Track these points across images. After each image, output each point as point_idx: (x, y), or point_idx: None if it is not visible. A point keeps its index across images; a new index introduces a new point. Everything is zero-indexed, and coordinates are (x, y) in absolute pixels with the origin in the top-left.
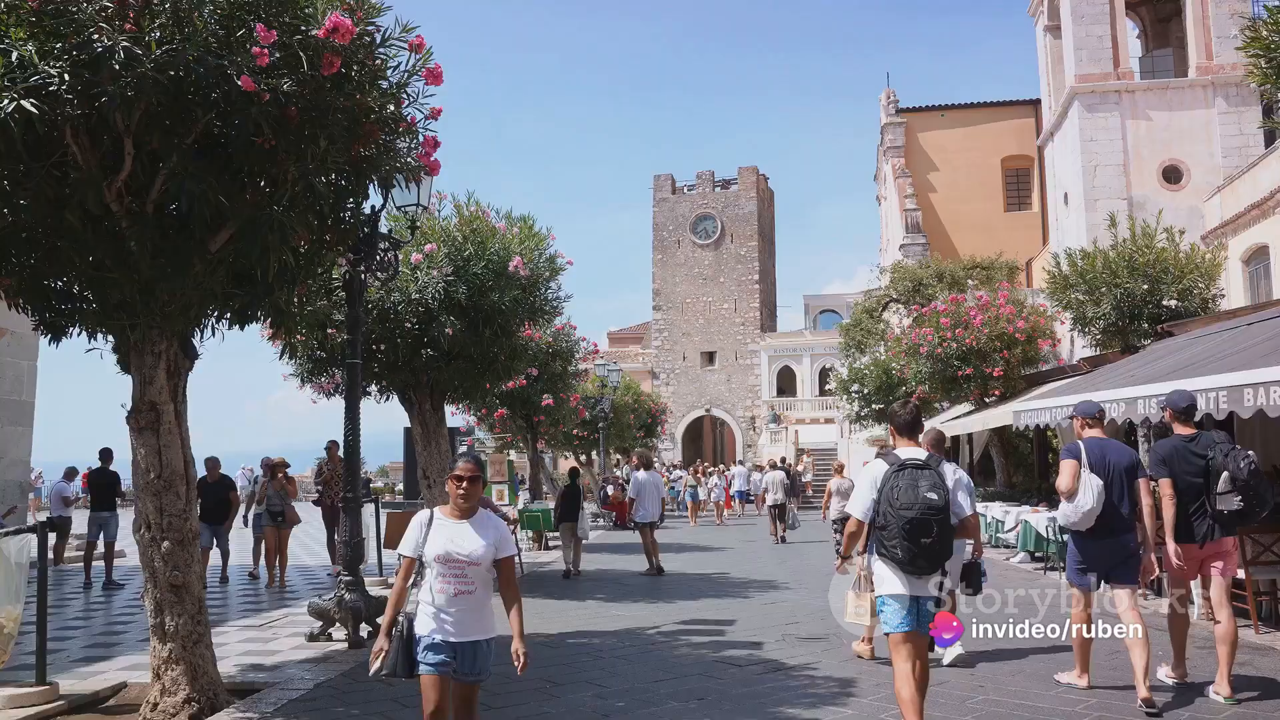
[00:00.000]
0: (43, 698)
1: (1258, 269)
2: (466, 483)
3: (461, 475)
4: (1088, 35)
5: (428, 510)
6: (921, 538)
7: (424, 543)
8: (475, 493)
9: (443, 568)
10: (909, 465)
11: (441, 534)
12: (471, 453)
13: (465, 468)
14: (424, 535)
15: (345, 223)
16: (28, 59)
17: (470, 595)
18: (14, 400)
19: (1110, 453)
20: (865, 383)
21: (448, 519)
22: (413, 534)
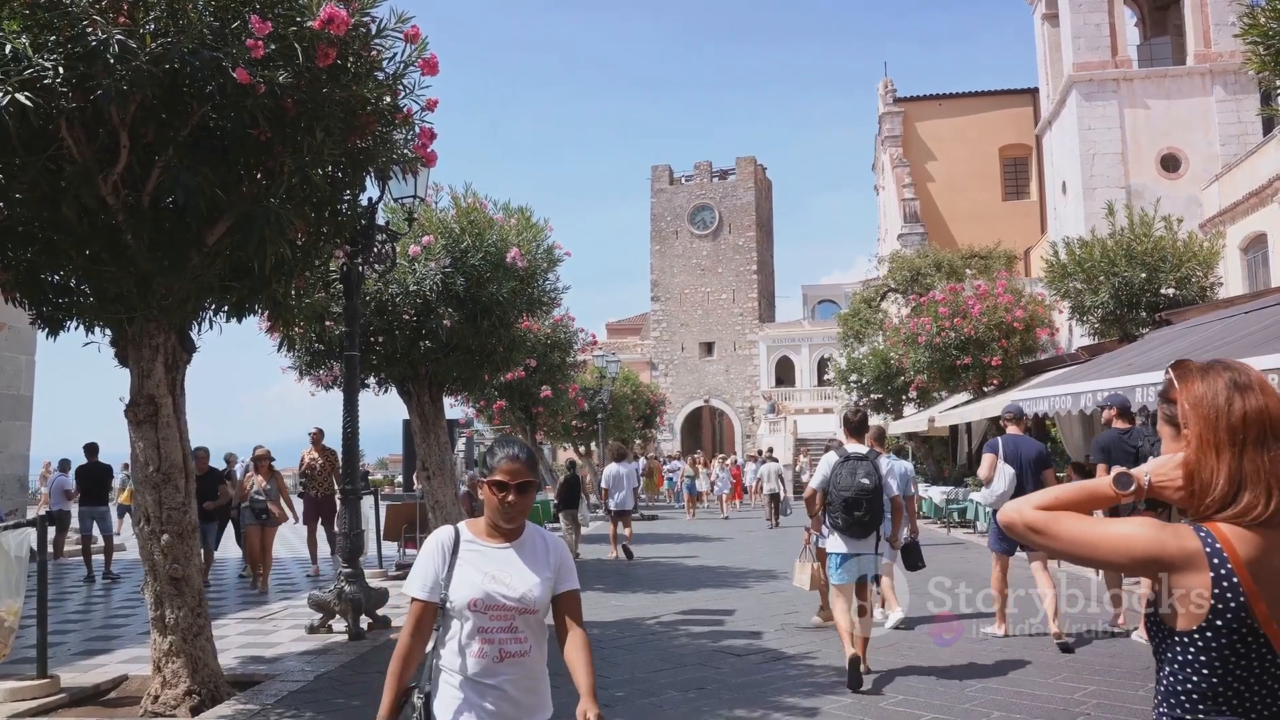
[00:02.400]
0: (44, 690)
1: (1256, 257)
2: (514, 493)
3: (505, 480)
4: (1085, 23)
5: (450, 529)
6: (855, 511)
7: (447, 580)
8: (526, 507)
9: (481, 618)
10: (851, 457)
11: (475, 567)
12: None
13: (510, 468)
14: (446, 568)
15: (342, 215)
16: (21, 51)
17: (524, 659)
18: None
19: (1022, 447)
20: (864, 373)
21: (483, 543)
22: (427, 565)
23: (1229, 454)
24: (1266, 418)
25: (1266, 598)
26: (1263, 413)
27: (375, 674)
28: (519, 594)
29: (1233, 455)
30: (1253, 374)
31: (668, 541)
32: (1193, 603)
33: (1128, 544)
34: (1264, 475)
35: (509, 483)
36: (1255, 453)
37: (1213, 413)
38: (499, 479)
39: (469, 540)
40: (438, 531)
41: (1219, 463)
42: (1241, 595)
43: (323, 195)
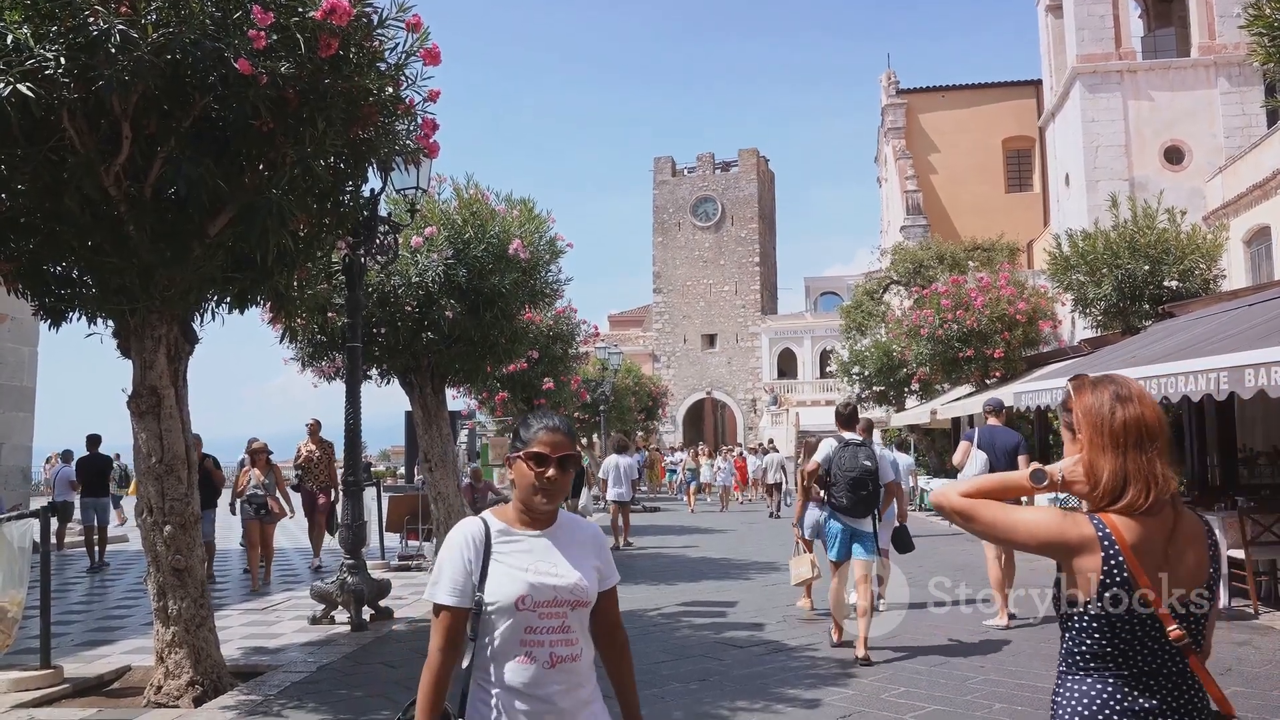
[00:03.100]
0: (47, 681)
1: (1259, 249)
2: (554, 467)
3: (545, 453)
4: (1089, 15)
5: (475, 521)
6: (860, 490)
7: (481, 579)
8: (567, 485)
9: (529, 618)
10: (850, 444)
11: (514, 559)
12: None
13: (550, 439)
14: (480, 563)
15: (344, 206)
16: (23, 42)
17: (575, 664)
18: (15, 386)
19: (998, 437)
20: (866, 365)
21: (518, 532)
22: (455, 565)
23: (1114, 455)
24: (1143, 424)
25: (1148, 573)
26: (1140, 420)
27: (378, 665)
28: (571, 582)
29: (1117, 456)
30: (1134, 387)
31: (669, 533)
32: (1088, 579)
33: (1036, 529)
34: (1144, 473)
35: (549, 455)
36: (1136, 454)
37: (1099, 420)
38: (538, 450)
39: (501, 530)
40: (462, 525)
41: (1106, 462)
42: (1126, 572)
43: (325, 186)
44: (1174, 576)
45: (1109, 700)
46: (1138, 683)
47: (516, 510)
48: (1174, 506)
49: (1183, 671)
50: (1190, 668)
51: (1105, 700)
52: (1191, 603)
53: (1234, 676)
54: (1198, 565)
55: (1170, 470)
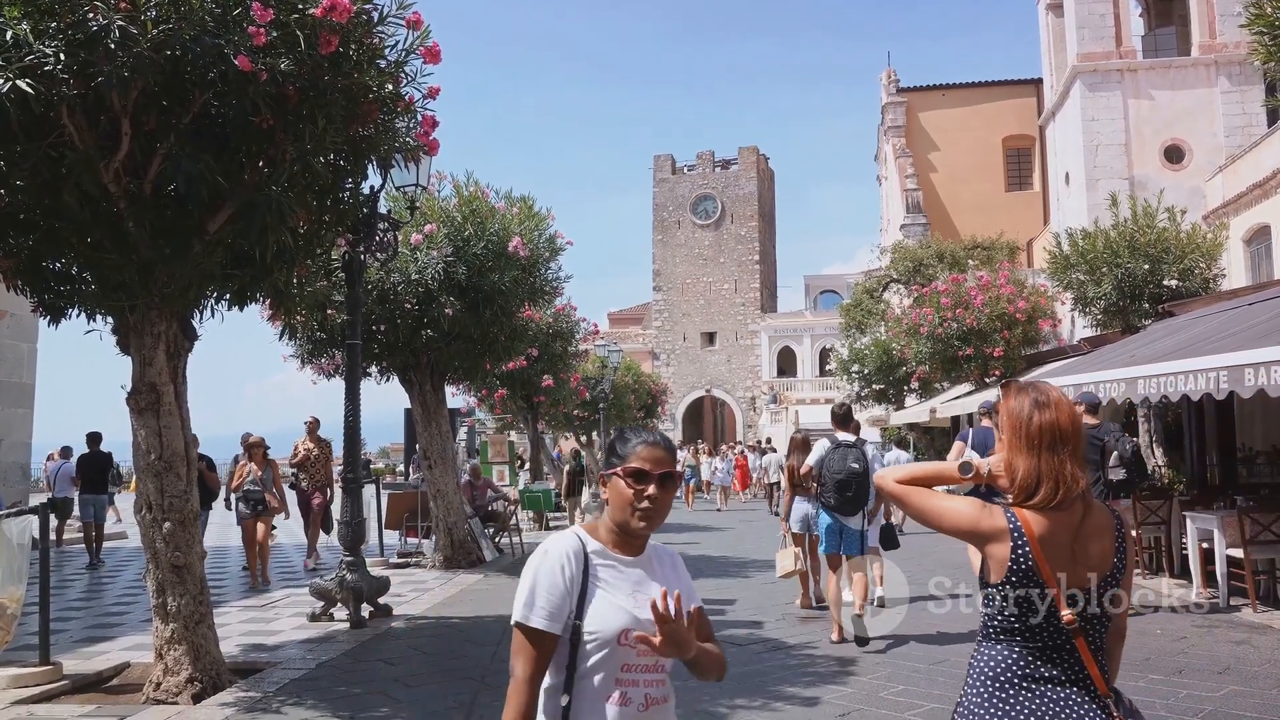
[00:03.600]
0: (46, 677)
1: (1259, 249)
2: (656, 486)
3: (646, 469)
4: (1090, 13)
5: (571, 537)
6: (845, 491)
7: (580, 605)
8: (667, 506)
9: (627, 655)
10: (841, 445)
11: (614, 586)
12: (649, 430)
13: (652, 454)
14: (578, 587)
15: (344, 203)
16: (23, 38)
17: (665, 707)
18: (14, 382)
19: (990, 437)
20: (866, 363)
21: (616, 557)
22: (553, 584)
23: (1030, 456)
24: (1057, 429)
25: (1050, 561)
26: (1054, 425)
27: (377, 662)
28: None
29: (1032, 457)
30: (1053, 394)
31: (668, 531)
32: (999, 564)
33: (956, 518)
34: (1055, 473)
35: (650, 472)
36: (1049, 455)
37: (1018, 424)
38: (637, 467)
39: (598, 551)
40: (559, 541)
41: (1022, 462)
42: (1031, 560)
43: (325, 183)
44: (1081, 565)
45: (1013, 666)
46: (1041, 655)
47: (609, 531)
48: (1084, 502)
49: (1076, 658)
50: (1077, 647)
51: (1009, 665)
52: (1101, 598)
53: (1232, 676)
54: (1103, 555)
55: (1080, 470)
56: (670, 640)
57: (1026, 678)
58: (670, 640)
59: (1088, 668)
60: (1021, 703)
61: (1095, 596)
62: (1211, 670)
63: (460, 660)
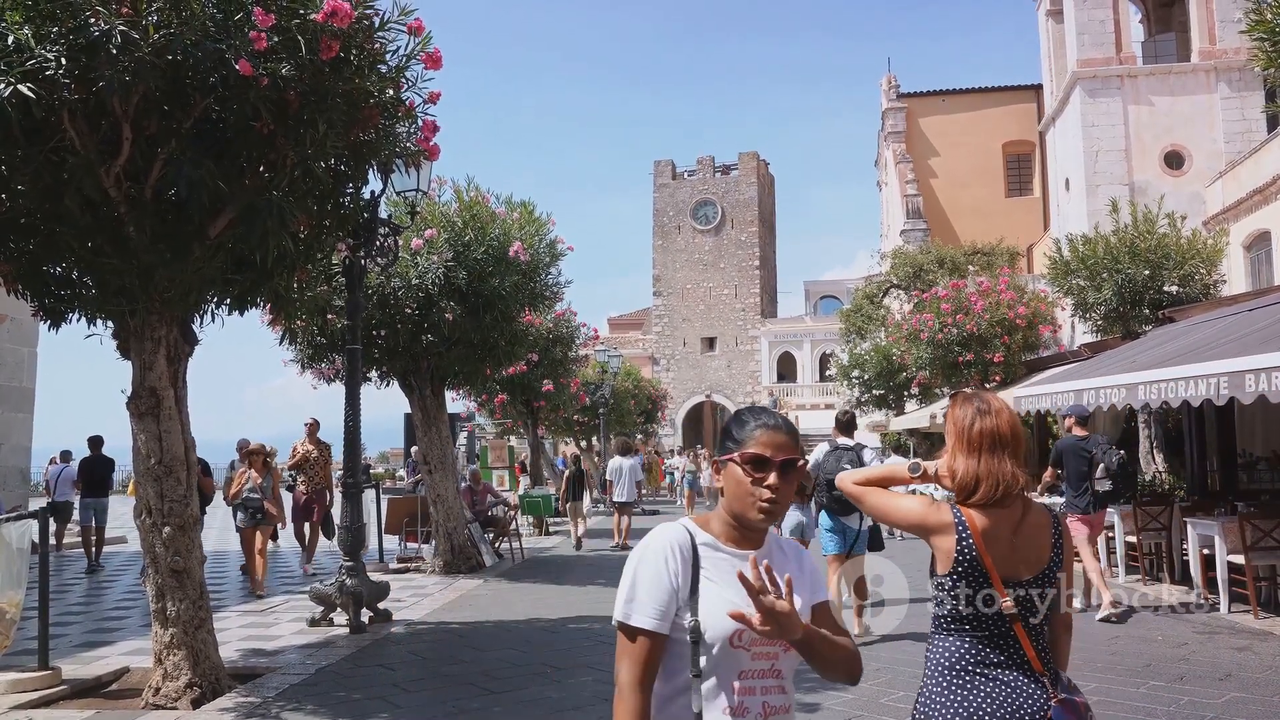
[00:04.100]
0: (45, 682)
1: (1259, 255)
2: (776, 473)
3: (765, 455)
4: (1090, 20)
5: (678, 529)
6: (833, 490)
7: (690, 601)
8: (789, 496)
9: (741, 658)
10: (839, 448)
11: (727, 584)
12: (769, 411)
13: (771, 439)
14: (687, 583)
15: (345, 208)
16: (24, 42)
17: (787, 715)
18: (14, 387)
19: None
20: (866, 368)
21: (729, 549)
22: (659, 578)
23: (971, 458)
24: (997, 434)
25: (991, 553)
26: (994, 431)
27: (376, 667)
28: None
29: (973, 459)
30: (994, 403)
31: None
32: (946, 554)
33: (907, 513)
34: (994, 474)
35: (771, 459)
36: (989, 458)
37: (962, 429)
38: (756, 453)
39: (709, 544)
40: (664, 532)
41: (964, 463)
42: (975, 551)
43: (325, 188)
44: (1019, 558)
45: (965, 655)
46: (988, 643)
47: (723, 523)
48: (1023, 501)
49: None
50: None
51: (962, 655)
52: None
53: (1233, 682)
54: (1040, 550)
55: (1019, 471)
56: (768, 616)
57: (978, 664)
58: (768, 616)
59: (1025, 651)
60: (976, 687)
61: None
62: (1213, 676)
63: (460, 665)
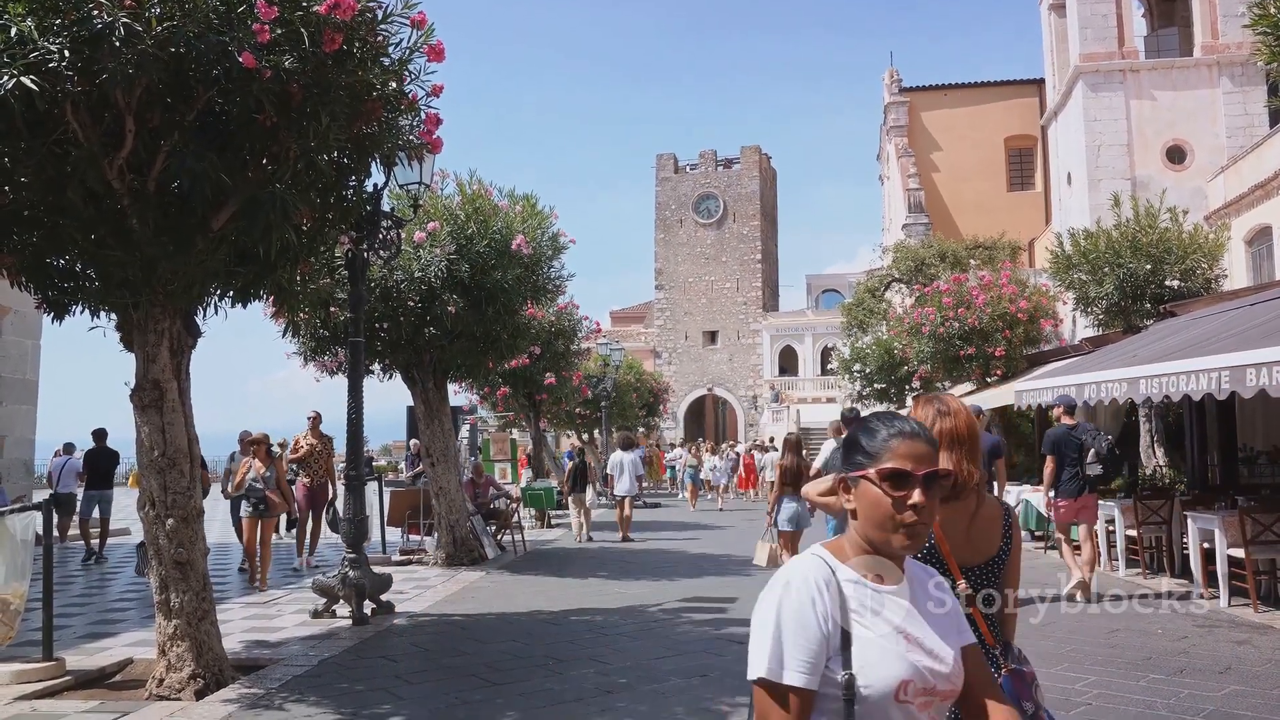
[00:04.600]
0: (49, 673)
1: (1261, 249)
2: (920, 491)
3: (906, 470)
4: (1092, 14)
5: (816, 563)
6: None
7: (844, 650)
8: (934, 516)
9: (906, 713)
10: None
11: (881, 624)
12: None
13: (913, 449)
14: (837, 629)
15: (347, 201)
16: (27, 34)
17: None
18: (18, 379)
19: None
20: (867, 362)
21: (874, 585)
22: (805, 626)
23: None
24: (955, 434)
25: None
26: (954, 430)
27: (379, 659)
28: (950, 667)
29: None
30: (953, 404)
31: (670, 529)
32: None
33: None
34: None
35: (913, 473)
36: (947, 455)
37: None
38: (895, 467)
39: (853, 581)
40: (802, 568)
41: None
42: (932, 539)
43: (328, 181)
44: (973, 546)
45: None
46: None
47: (858, 551)
48: (978, 494)
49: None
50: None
51: None
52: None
53: (1233, 676)
54: (992, 539)
55: (975, 468)
56: None
57: None
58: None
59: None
60: None
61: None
62: (1213, 670)
63: (462, 657)
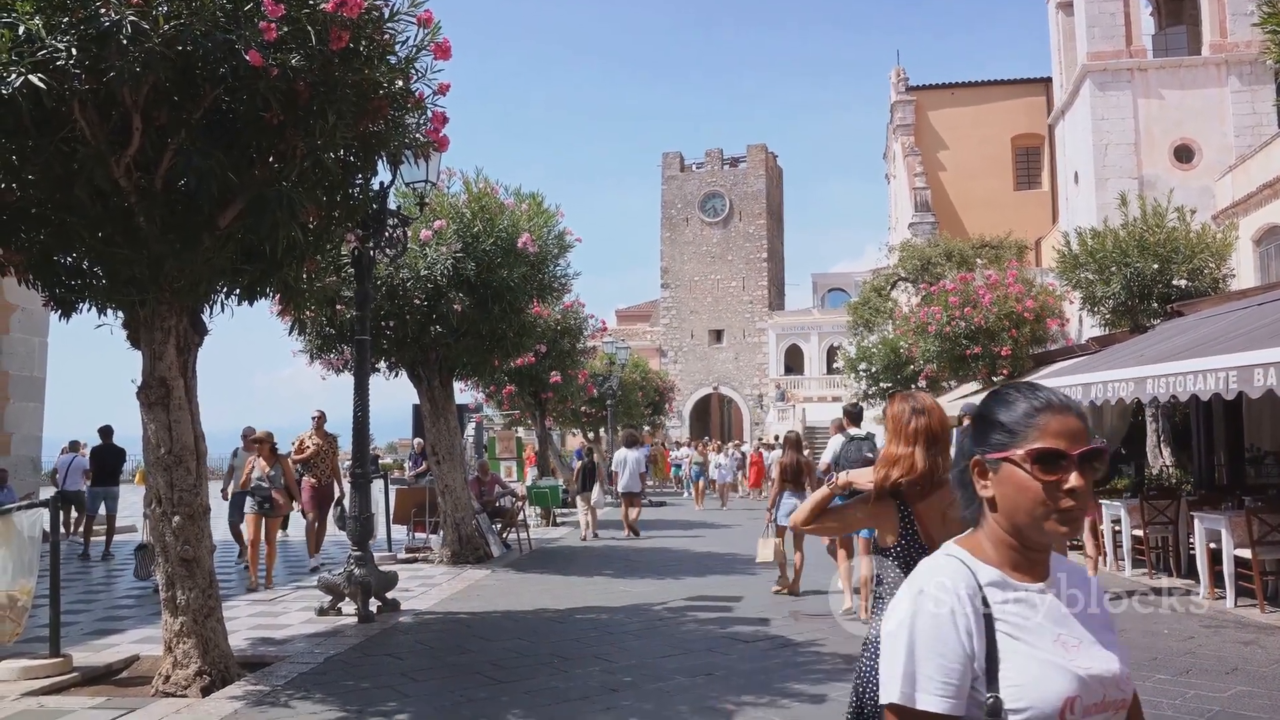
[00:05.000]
0: (56, 669)
1: (1269, 249)
2: (1076, 471)
3: (1061, 449)
4: (1100, 12)
5: (956, 565)
6: None
7: (988, 666)
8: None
9: None
10: (855, 439)
11: (1033, 632)
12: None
13: (1066, 426)
14: (983, 639)
15: (354, 199)
16: (35, 33)
17: None
18: (25, 376)
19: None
20: (873, 361)
21: (1023, 585)
22: (940, 639)
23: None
24: (929, 430)
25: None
26: (927, 427)
27: (385, 657)
28: (1116, 669)
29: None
30: (926, 402)
31: (675, 527)
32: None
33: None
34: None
35: (1068, 453)
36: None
37: (899, 426)
38: (1048, 447)
39: (998, 583)
40: (938, 571)
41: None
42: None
43: (334, 179)
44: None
45: None
46: None
47: (1001, 544)
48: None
49: None
50: None
51: None
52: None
53: (1240, 676)
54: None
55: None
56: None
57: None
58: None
59: None
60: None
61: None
62: (1219, 670)
63: (467, 655)
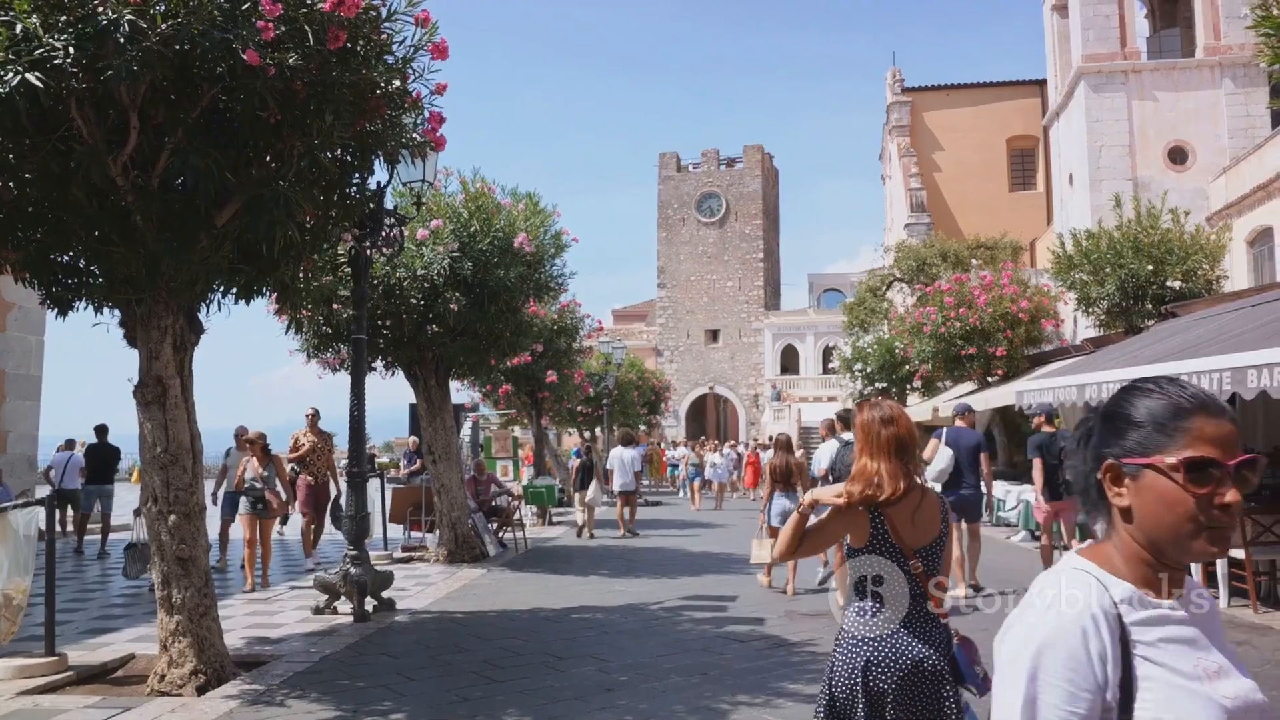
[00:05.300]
0: (52, 668)
1: (1262, 250)
2: (1231, 485)
3: (1216, 458)
4: (1095, 15)
5: (1088, 581)
6: None
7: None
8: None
9: None
10: (849, 443)
11: (1175, 660)
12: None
13: (1218, 430)
14: (1118, 669)
15: (351, 198)
16: (32, 31)
17: None
18: (22, 375)
19: (963, 436)
20: (868, 361)
21: (1156, 604)
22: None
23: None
24: (897, 439)
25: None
26: (896, 436)
27: (380, 656)
28: (1259, 699)
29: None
30: (895, 410)
31: (671, 527)
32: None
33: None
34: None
35: (1224, 463)
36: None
37: (868, 435)
38: (1200, 455)
39: (1133, 601)
40: (1066, 586)
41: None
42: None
43: (331, 178)
44: (919, 532)
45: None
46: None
47: (1134, 558)
48: (921, 490)
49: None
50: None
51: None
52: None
53: None
54: (933, 524)
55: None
56: None
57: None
58: None
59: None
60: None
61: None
62: None
63: (463, 654)
